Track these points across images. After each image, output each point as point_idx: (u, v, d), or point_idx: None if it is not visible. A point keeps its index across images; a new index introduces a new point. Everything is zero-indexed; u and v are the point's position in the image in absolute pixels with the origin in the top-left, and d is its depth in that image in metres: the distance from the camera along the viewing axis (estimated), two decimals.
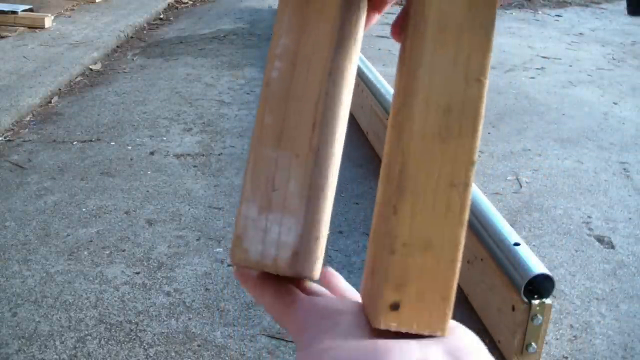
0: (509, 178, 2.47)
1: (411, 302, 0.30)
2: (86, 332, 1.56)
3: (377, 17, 0.38)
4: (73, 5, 4.95)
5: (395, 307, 0.30)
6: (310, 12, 0.34)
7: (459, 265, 0.30)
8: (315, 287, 0.37)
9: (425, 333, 0.30)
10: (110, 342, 1.53)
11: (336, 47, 0.34)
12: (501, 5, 0.31)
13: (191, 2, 5.82)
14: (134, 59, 3.95)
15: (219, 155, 2.59)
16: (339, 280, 0.40)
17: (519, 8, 6.02)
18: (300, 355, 0.29)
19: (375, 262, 0.32)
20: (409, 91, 0.31)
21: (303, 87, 0.33)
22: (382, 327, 0.30)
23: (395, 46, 4.43)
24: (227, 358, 1.50)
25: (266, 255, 0.33)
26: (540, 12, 6.00)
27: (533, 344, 1.43)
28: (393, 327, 0.30)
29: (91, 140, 2.69)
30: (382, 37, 4.58)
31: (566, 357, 1.55)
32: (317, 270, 0.35)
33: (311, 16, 0.34)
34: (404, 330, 0.30)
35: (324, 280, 0.40)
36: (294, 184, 0.33)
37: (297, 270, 0.33)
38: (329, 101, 0.33)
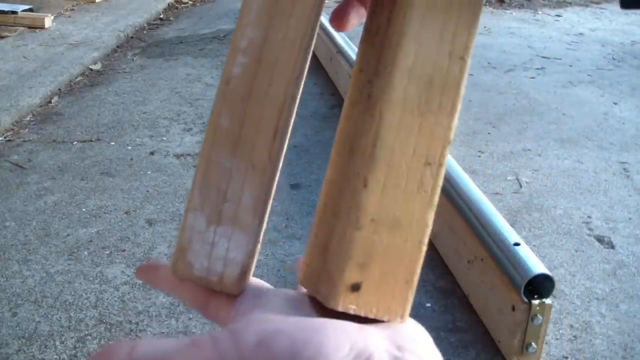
0: (509, 178, 2.47)
1: (373, 284, 0.28)
2: (86, 332, 1.56)
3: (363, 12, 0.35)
4: (73, 5, 4.95)
5: (356, 287, 0.28)
6: (284, 3, 0.30)
7: (424, 248, 0.29)
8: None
9: (385, 319, 0.29)
10: (110, 342, 1.53)
11: (306, 48, 0.30)
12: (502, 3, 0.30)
13: (191, 2, 5.82)
14: (134, 59, 3.95)
15: None
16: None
17: (519, 8, 6.02)
18: (224, 330, 0.26)
19: (335, 238, 0.29)
20: (388, 60, 0.29)
21: (267, 89, 0.30)
22: (340, 309, 0.28)
23: None
24: None
25: (212, 272, 0.30)
26: (540, 12, 6.01)
27: (533, 344, 1.43)
28: (352, 310, 0.28)
29: (91, 140, 2.69)
30: None
31: (566, 357, 1.55)
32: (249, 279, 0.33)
33: (285, 8, 0.30)
34: (362, 314, 0.28)
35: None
36: (248, 197, 0.30)
37: (242, 288, 0.31)
38: (292, 107, 0.30)
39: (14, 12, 4.16)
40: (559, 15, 5.91)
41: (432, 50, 0.29)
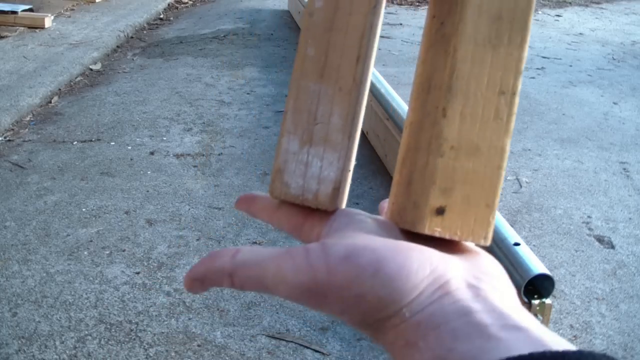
0: (509, 178, 2.47)
1: (456, 207, 0.30)
2: (86, 332, 1.56)
3: None
4: (73, 5, 4.95)
5: (440, 211, 0.30)
6: None
7: (503, 173, 0.30)
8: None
9: (469, 240, 0.30)
10: (110, 342, 1.53)
11: None
12: None
13: (191, 2, 5.82)
14: (134, 59, 3.95)
15: (219, 155, 2.59)
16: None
17: None
18: (316, 243, 0.28)
19: (418, 167, 0.31)
20: (459, 0, 0.31)
21: (348, 19, 0.32)
22: (427, 231, 0.30)
23: (395, 47, 4.43)
24: (227, 358, 1.50)
25: (308, 190, 0.32)
26: (540, 12, 6.00)
27: None
28: (437, 232, 0.30)
29: (91, 140, 2.69)
30: (382, 37, 4.58)
31: None
32: (345, 202, 0.34)
33: None
34: (447, 236, 0.30)
35: None
36: (337, 117, 0.32)
37: (336, 205, 0.33)
38: (372, 35, 0.32)
39: (14, 12, 4.16)
40: (559, 15, 5.91)
41: None
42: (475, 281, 0.27)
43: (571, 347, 0.23)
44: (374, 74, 2.69)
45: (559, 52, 4.45)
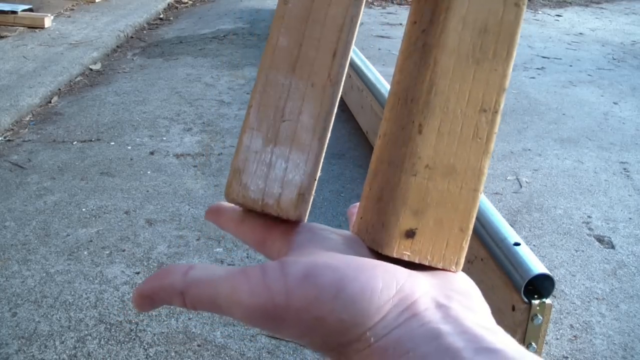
0: (509, 178, 2.47)
1: (428, 230, 0.28)
2: (86, 332, 1.56)
3: None
4: (73, 5, 4.95)
5: (410, 234, 0.28)
6: None
7: (480, 196, 0.29)
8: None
9: (439, 266, 0.28)
10: (110, 342, 1.53)
11: None
12: None
13: (191, 2, 5.82)
14: (134, 59, 3.94)
15: (219, 155, 2.59)
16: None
17: None
18: (274, 262, 0.26)
19: (390, 186, 0.29)
20: (442, 8, 0.29)
21: (327, 10, 0.30)
22: (395, 255, 0.28)
23: (395, 46, 4.42)
24: (227, 358, 1.50)
25: (269, 194, 0.29)
26: (540, 12, 6.00)
27: (533, 344, 1.43)
28: (406, 256, 0.28)
29: (91, 140, 2.69)
30: (382, 37, 4.59)
31: (566, 357, 1.55)
32: (307, 212, 0.31)
33: None
34: (417, 260, 0.28)
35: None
36: (307, 116, 0.29)
37: (300, 213, 0.30)
38: (352, 29, 0.30)
39: (14, 12, 4.16)
40: (559, 15, 5.91)
41: None
42: (445, 300, 0.25)
43: None
44: (373, 73, 2.69)
45: (559, 52, 4.45)
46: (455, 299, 0.26)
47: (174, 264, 0.28)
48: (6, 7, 4.19)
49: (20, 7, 4.24)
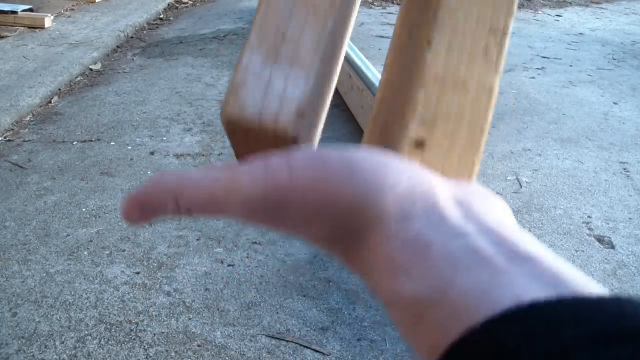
0: (509, 178, 2.47)
1: (438, 143, 0.27)
2: (86, 332, 1.56)
3: None
4: (73, 5, 4.95)
5: (420, 144, 0.27)
6: None
7: (491, 115, 0.28)
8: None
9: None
10: (110, 342, 1.53)
11: None
12: None
13: (191, 2, 5.82)
14: (134, 59, 3.95)
15: (219, 155, 2.59)
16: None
17: (519, 8, 6.02)
18: (277, 155, 0.24)
19: (398, 98, 0.29)
20: None
21: None
22: None
23: None
24: (227, 358, 1.50)
25: (266, 110, 0.28)
26: (540, 12, 6.00)
27: None
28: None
29: (91, 140, 2.69)
30: (382, 37, 4.59)
31: None
32: (309, 137, 0.30)
33: None
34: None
35: None
36: (308, 39, 0.29)
37: (298, 133, 0.28)
38: None
39: (14, 12, 4.16)
40: (559, 15, 5.91)
41: None
42: (464, 197, 0.23)
43: (597, 288, 0.19)
44: (373, 73, 2.69)
45: (559, 52, 4.45)
46: (476, 200, 0.23)
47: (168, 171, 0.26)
48: (6, 7, 4.19)
49: (20, 7, 4.24)
